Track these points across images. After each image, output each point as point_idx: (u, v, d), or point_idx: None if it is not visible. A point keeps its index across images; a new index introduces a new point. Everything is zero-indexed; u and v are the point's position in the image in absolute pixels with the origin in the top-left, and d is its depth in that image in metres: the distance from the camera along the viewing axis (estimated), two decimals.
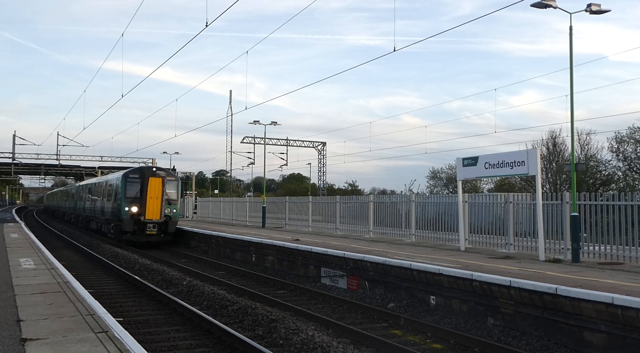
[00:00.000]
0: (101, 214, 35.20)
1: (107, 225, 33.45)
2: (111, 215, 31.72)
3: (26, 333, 7.02)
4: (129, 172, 30.67)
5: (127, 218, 28.79)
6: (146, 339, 9.73)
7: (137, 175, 29.98)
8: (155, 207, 29.18)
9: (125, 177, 29.97)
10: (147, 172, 29.95)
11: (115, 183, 31.49)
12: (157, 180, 29.45)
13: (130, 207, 28.94)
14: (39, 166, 72.92)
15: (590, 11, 15.58)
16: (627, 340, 8.67)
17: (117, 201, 30.20)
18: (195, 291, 14.92)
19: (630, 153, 44.35)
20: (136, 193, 29.32)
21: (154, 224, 29.23)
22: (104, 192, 34.72)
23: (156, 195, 29.22)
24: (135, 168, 32.45)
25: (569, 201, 15.49)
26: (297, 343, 9.53)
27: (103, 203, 34.69)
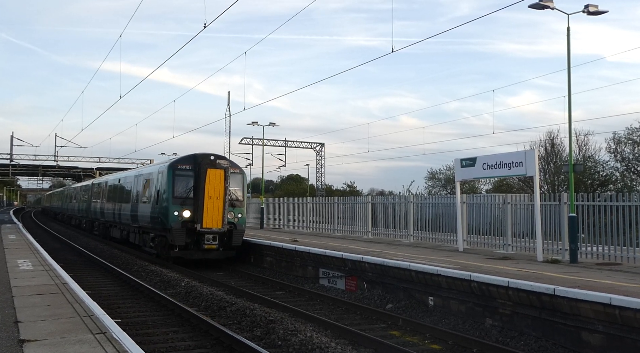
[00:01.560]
0: (132, 220, 25.95)
1: (143, 236, 24.57)
2: (150, 222, 22.80)
3: (24, 335, 7.01)
4: (178, 162, 21.63)
5: (176, 227, 20.21)
6: (144, 340, 9.72)
7: (190, 165, 21.13)
8: (216, 210, 20.59)
9: (173, 168, 21.14)
10: (203, 162, 20.72)
11: (155, 178, 22.56)
12: (218, 174, 20.62)
13: (181, 212, 20.50)
14: (37, 167, 72.95)
15: (587, 12, 15.62)
16: (625, 340, 8.69)
17: (159, 203, 21.59)
18: (194, 292, 14.91)
19: (628, 154, 44.48)
20: (188, 191, 20.89)
21: (214, 235, 20.57)
22: (136, 191, 25.87)
23: (217, 193, 20.65)
24: (186, 156, 21.82)
25: (566, 202, 15.52)
26: (296, 344, 9.53)
27: (135, 205, 25.37)
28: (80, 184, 49.27)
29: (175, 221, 20.33)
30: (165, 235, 21.17)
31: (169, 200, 20.72)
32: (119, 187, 29.63)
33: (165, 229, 20.89)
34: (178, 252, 20.64)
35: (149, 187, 23.38)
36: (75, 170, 74.45)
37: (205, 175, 20.40)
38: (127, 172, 30.47)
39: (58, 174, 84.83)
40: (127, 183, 27.77)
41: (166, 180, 21.13)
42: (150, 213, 22.53)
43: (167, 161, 23.02)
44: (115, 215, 29.34)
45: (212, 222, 20.49)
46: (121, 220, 28.17)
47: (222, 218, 20.56)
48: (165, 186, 21.11)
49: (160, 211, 21.27)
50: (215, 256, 20.88)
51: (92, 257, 23.94)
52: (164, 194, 21.17)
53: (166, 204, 20.84)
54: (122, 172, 33.79)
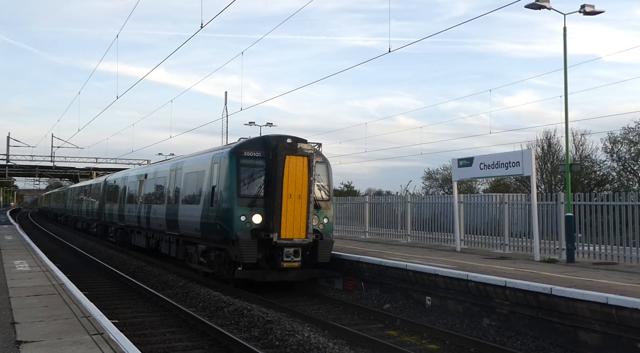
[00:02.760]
0: (167, 227, 19.86)
1: (186, 248, 18.48)
2: (200, 231, 16.62)
3: (21, 336, 7.00)
4: (242, 147, 15.43)
5: (244, 237, 14.42)
6: (142, 341, 9.71)
7: (260, 151, 15.18)
8: (298, 214, 14.75)
9: (237, 155, 15.12)
10: (280, 147, 14.76)
11: (209, 170, 16.44)
12: (300, 163, 14.77)
13: (250, 216, 14.68)
14: (34, 168, 72.82)
15: (584, 12, 15.67)
16: (621, 340, 8.71)
17: (216, 204, 15.57)
18: (191, 293, 14.89)
19: (625, 153, 44.59)
20: (259, 187, 14.98)
21: (295, 249, 14.81)
22: (173, 188, 19.74)
23: (299, 190, 14.74)
24: (254, 139, 16.11)
25: (563, 201, 15.56)
26: (293, 345, 9.53)
27: (173, 207, 19.34)
28: (88, 182, 42.02)
29: (242, 229, 14.43)
30: (224, 249, 15.23)
31: (233, 200, 14.70)
32: (145, 184, 23.84)
33: (226, 240, 14.93)
34: (246, 273, 14.67)
35: (197, 183, 17.24)
36: (72, 171, 74.32)
37: (284, 164, 14.46)
38: (158, 165, 23.79)
39: (55, 174, 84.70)
40: (159, 178, 21.74)
41: (227, 172, 15.03)
42: (201, 219, 16.34)
43: (225, 146, 17.07)
44: (141, 220, 23.42)
45: (293, 230, 14.58)
46: (150, 225, 22.21)
47: (306, 226, 14.61)
48: (226, 180, 15.03)
49: (219, 215, 15.17)
50: (296, 277, 15.12)
51: (89, 258, 23.90)
52: (224, 192, 15.11)
53: (228, 206, 14.82)
54: (148, 165, 27.47)
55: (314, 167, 14.90)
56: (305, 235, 14.75)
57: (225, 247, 15.22)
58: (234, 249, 14.64)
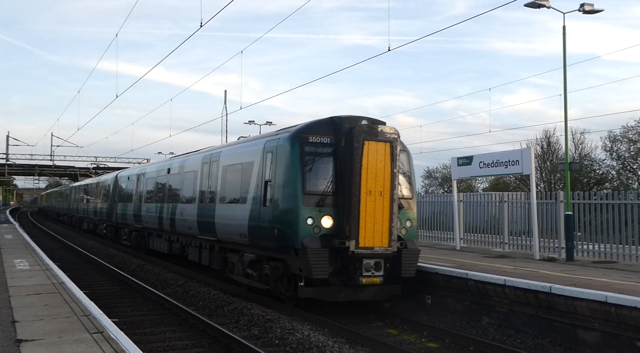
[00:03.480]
0: (200, 230, 16.59)
1: (227, 256, 15.27)
2: (248, 236, 13.40)
3: (21, 334, 7.01)
4: (306, 130, 12.39)
5: (313, 245, 11.46)
6: (142, 340, 9.72)
7: (328, 136, 12.23)
8: (379, 216, 11.77)
9: (300, 141, 12.14)
10: (358, 130, 11.69)
11: (260, 160, 13.30)
12: (382, 150, 11.82)
13: (319, 219, 11.75)
14: (33, 167, 72.82)
15: (583, 11, 15.69)
16: (620, 338, 8.73)
17: (274, 203, 12.45)
18: (191, 291, 14.91)
19: (624, 152, 44.63)
20: (328, 181, 12.00)
21: (376, 260, 11.83)
22: (206, 184, 16.45)
23: (380, 186, 11.80)
24: (320, 121, 12.69)
25: (563, 200, 15.58)
26: (293, 343, 9.54)
27: (208, 207, 16.02)
28: (96, 179, 38.40)
29: (309, 235, 11.41)
30: (282, 259, 12.28)
31: (297, 198, 11.63)
32: (169, 179, 20.36)
33: (286, 249, 11.90)
34: (312, 291, 11.76)
35: (241, 178, 14.00)
36: (72, 170, 74.33)
37: (362, 152, 11.41)
38: (184, 158, 19.84)
39: (54, 173, 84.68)
40: (188, 173, 18.22)
41: (288, 162, 12.00)
42: (250, 221, 13.10)
43: (279, 131, 13.37)
44: (164, 221, 20.03)
45: (374, 236, 11.54)
46: (175, 228, 18.93)
47: (390, 231, 11.62)
48: (287, 173, 12.00)
49: (277, 218, 12.05)
50: (375, 295, 12.14)
51: (89, 257, 23.91)
52: (283, 188, 12.04)
53: (290, 205, 11.75)
54: (172, 158, 22.65)
55: (397, 156, 11.81)
56: (388, 243, 11.61)
57: (283, 257, 12.11)
58: (298, 260, 11.47)
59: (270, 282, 12.93)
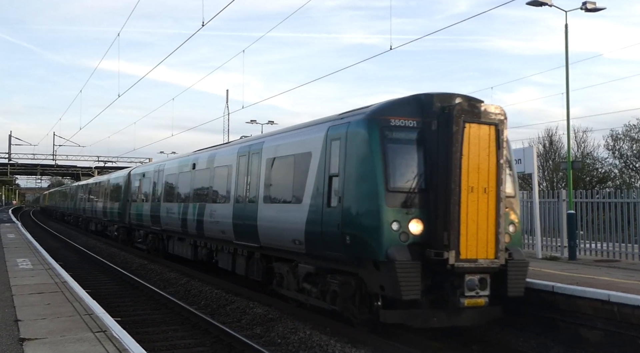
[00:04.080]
0: (236, 234, 14.12)
1: (279, 267, 12.67)
2: (309, 244, 10.85)
3: (24, 333, 7.03)
4: (386, 111, 9.80)
5: (402, 257, 8.93)
6: (144, 338, 9.73)
7: (415, 118, 9.65)
8: (484, 220, 9.28)
9: (380, 125, 9.58)
10: (457, 109, 9.19)
11: (323, 151, 10.80)
12: (486, 134, 9.39)
13: (407, 222, 9.23)
14: (36, 166, 72.95)
15: (585, 9, 15.67)
16: (623, 337, 8.72)
17: (343, 201, 9.93)
18: (193, 290, 14.93)
19: (627, 150, 44.61)
20: (414, 175, 9.48)
21: (481, 276, 9.27)
22: (243, 180, 14.08)
23: (484, 181, 9.33)
24: (401, 100, 9.97)
25: (565, 199, 15.57)
26: (295, 342, 9.55)
27: (246, 207, 13.65)
28: (105, 177, 35.88)
29: (395, 244, 9.07)
30: (355, 274, 9.88)
31: (378, 196, 9.24)
32: (194, 176, 17.95)
33: (361, 261, 9.56)
34: (397, 314, 9.41)
35: (294, 172, 11.67)
36: (74, 169, 74.45)
37: (462, 138, 9.14)
38: (213, 151, 17.24)
39: (56, 173, 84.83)
40: (219, 168, 15.81)
41: (364, 151, 9.63)
42: (308, 225, 10.80)
43: (348, 113, 10.76)
44: (188, 223, 17.67)
45: (477, 246, 9.17)
46: (202, 231, 16.52)
47: (496, 238, 9.27)
48: (363, 166, 9.65)
49: (350, 221, 9.67)
50: (476, 319, 9.66)
51: (91, 256, 23.95)
52: (358, 184, 9.67)
53: (369, 206, 9.40)
54: (198, 151, 19.33)
55: (504, 142, 9.45)
56: (495, 254, 9.18)
57: (356, 270, 9.76)
58: (379, 276, 9.15)
59: (338, 301, 10.33)
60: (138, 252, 24.46)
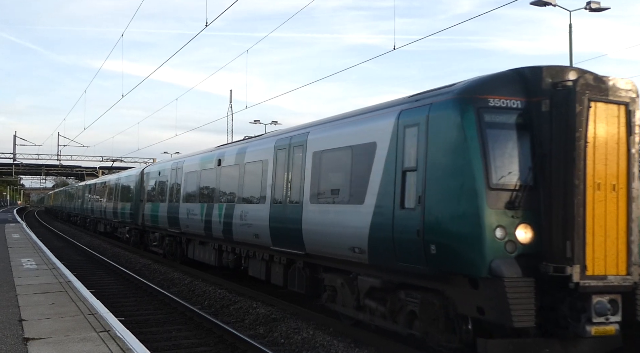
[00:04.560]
0: (283, 239, 11.98)
1: (331, 279, 10.79)
2: (373, 253, 9.07)
3: (28, 333, 7.06)
4: (481, 89, 7.85)
5: (509, 272, 7.10)
6: (148, 338, 9.76)
7: (518, 97, 7.75)
8: (613, 225, 7.36)
9: (475, 105, 7.71)
10: (581, 85, 7.31)
11: (392, 141, 8.93)
12: (615, 115, 7.48)
13: (513, 228, 7.34)
14: (40, 166, 73.23)
15: (589, 9, 15.65)
16: None
17: (423, 201, 8.07)
18: (197, 290, 14.96)
19: None
20: (521, 169, 7.61)
21: (612, 296, 7.22)
22: (287, 175, 12.11)
23: (612, 176, 7.42)
24: (498, 75, 8.02)
25: None
26: (299, 342, 9.57)
27: (293, 208, 11.60)
28: (115, 176, 33.76)
29: (500, 256, 7.34)
30: (440, 292, 8.22)
31: (477, 194, 7.52)
32: (220, 173, 15.92)
33: (451, 276, 7.95)
34: (504, 346, 7.48)
35: (351, 166, 9.93)
36: (78, 169, 74.68)
37: (586, 121, 7.39)
38: (242, 145, 15.31)
39: (61, 173, 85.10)
40: (250, 164, 14.04)
41: (456, 138, 7.92)
42: (372, 231, 9.15)
43: (429, 92, 8.94)
44: (213, 226, 15.75)
45: (606, 259, 7.41)
46: (231, 235, 14.64)
47: (628, 248, 7.54)
48: (453, 156, 7.98)
49: (434, 226, 8.01)
50: (595, 351, 7.76)
51: (95, 256, 24.01)
52: (447, 179, 8.01)
53: (464, 207, 7.70)
54: (223, 146, 17.89)
55: (636, 127, 7.70)
56: (626, 269, 7.43)
57: (442, 287, 8.09)
58: (479, 296, 7.46)
59: (417, 324, 8.59)
60: (170, 262, 20.60)
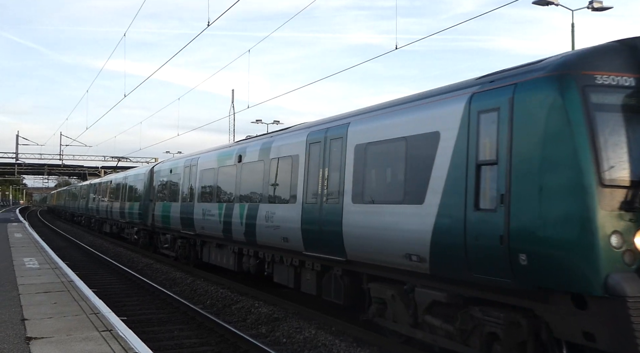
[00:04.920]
0: (315, 243, 10.75)
1: (378, 291, 9.43)
2: (436, 261, 7.79)
3: (31, 332, 7.08)
4: (585, 60, 6.47)
5: (628, 287, 5.81)
6: (150, 338, 9.77)
7: (631, 73, 6.41)
8: None
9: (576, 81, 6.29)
10: None
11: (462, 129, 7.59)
12: None
13: (631, 234, 6.05)
14: (42, 166, 73.31)
15: (592, 8, 15.62)
16: None
17: (518, 199, 6.63)
18: (199, 290, 14.97)
19: None
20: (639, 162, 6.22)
21: None
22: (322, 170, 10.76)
23: None
24: (608, 45, 6.57)
25: None
26: (300, 342, 9.57)
27: (331, 208, 10.25)
28: (122, 174, 31.80)
29: (619, 268, 6.01)
30: (530, 310, 6.91)
31: (586, 193, 6.12)
32: (243, 170, 14.36)
33: (547, 294, 6.56)
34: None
35: (405, 159, 8.71)
36: (81, 169, 74.81)
37: None
38: (268, 138, 13.89)
39: (63, 172, 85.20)
40: (278, 159, 12.58)
41: (554, 124, 6.42)
42: (435, 235, 7.86)
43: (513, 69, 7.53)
44: (234, 228, 14.27)
45: None
46: (254, 237, 13.16)
47: None
48: (550, 146, 6.45)
49: (525, 232, 6.57)
50: None
51: (97, 256, 24.05)
52: (540, 174, 6.48)
53: (567, 208, 6.24)
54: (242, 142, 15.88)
55: None
56: None
57: (532, 305, 6.86)
58: (587, 318, 6.24)
59: (500, 348, 7.18)
60: (182, 266, 19.27)
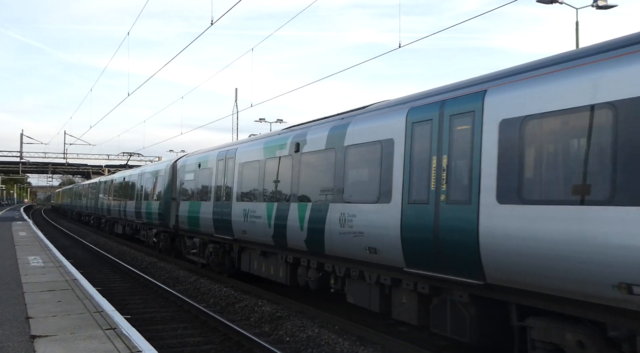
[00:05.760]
0: (417, 258, 8.11)
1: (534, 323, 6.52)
2: None
3: (35, 330, 7.10)
4: None
5: None
6: (154, 336, 9.79)
7: None
8: None
9: None
10: None
11: None
12: None
13: None
14: (47, 165, 73.53)
15: (596, 6, 15.56)
16: None
17: None
18: (202, 289, 14.99)
19: None
20: None
21: None
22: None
23: None
24: None
25: None
26: (304, 340, 9.57)
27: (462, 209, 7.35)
28: (138, 171, 28.48)
29: None
30: None
31: None
32: (302, 162, 11.73)
33: None
34: None
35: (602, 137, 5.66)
36: (85, 168, 75.00)
37: None
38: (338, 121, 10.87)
39: (67, 171, 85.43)
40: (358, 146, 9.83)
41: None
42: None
43: None
44: (290, 233, 11.77)
45: None
46: (323, 246, 10.60)
47: None
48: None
49: None
50: None
51: (101, 254, 24.10)
52: None
53: None
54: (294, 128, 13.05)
55: None
56: None
57: None
58: None
59: None
60: (217, 275, 16.72)
